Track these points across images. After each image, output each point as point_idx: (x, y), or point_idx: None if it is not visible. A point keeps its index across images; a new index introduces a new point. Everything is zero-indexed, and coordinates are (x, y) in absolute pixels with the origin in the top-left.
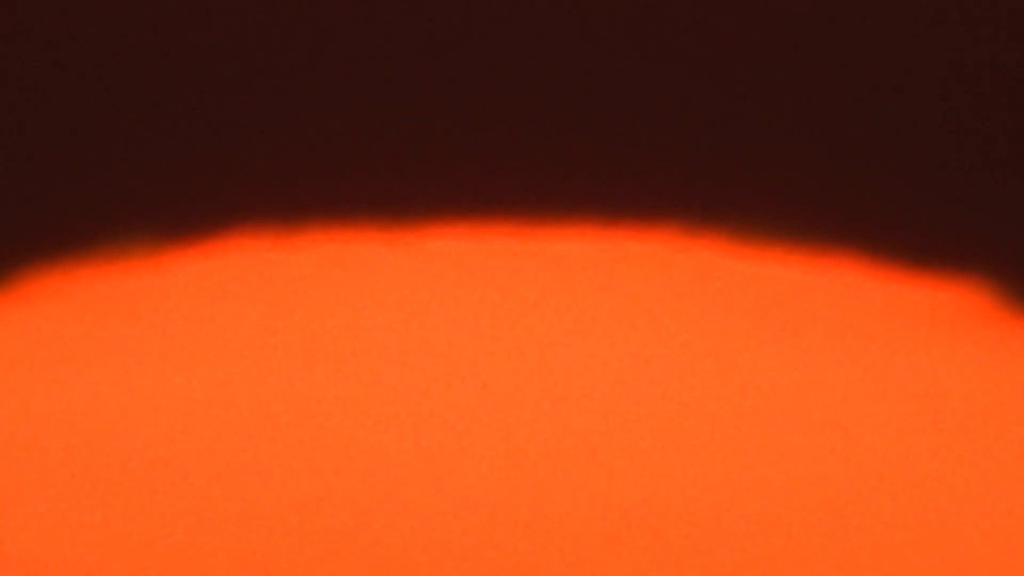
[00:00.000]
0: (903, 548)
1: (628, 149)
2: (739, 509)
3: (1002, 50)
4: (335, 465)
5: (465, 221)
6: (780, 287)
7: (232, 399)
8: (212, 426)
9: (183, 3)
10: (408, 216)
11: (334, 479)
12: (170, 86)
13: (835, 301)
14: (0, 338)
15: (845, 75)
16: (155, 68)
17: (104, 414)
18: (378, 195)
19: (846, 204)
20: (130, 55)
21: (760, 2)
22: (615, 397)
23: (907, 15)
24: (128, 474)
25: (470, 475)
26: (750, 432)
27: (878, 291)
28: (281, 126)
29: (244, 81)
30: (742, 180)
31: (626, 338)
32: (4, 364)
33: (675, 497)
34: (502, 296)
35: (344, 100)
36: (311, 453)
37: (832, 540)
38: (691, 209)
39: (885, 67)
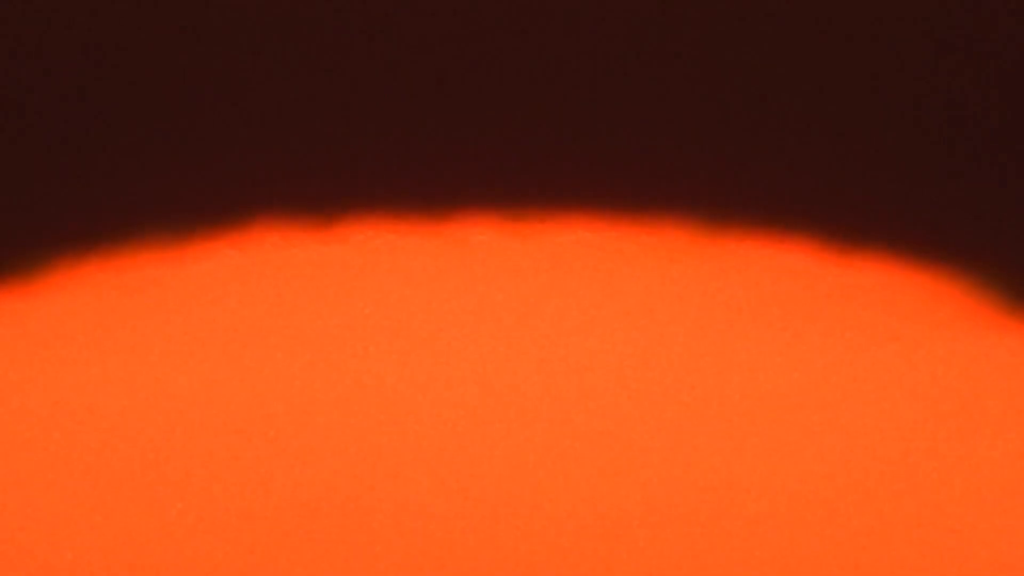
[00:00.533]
0: (885, 534)
1: (641, 145)
2: (732, 497)
3: (987, 52)
4: (348, 454)
5: (494, 213)
6: (764, 278)
7: (257, 388)
8: (237, 415)
9: None
10: (435, 208)
11: (350, 469)
12: (198, 78)
13: (819, 291)
14: (29, 327)
15: (834, 74)
16: (183, 60)
17: (129, 401)
18: (405, 188)
19: (831, 198)
20: (158, 47)
21: (767, 3)
22: (624, 384)
23: (892, 15)
24: (151, 459)
25: (480, 467)
26: (741, 423)
27: (860, 281)
28: (311, 119)
29: (273, 72)
30: (732, 175)
31: (629, 329)
32: (34, 352)
33: (673, 480)
34: (520, 287)
35: (373, 94)
36: (326, 442)
37: (818, 528)
38: (697, 205)
39: (871, 68)
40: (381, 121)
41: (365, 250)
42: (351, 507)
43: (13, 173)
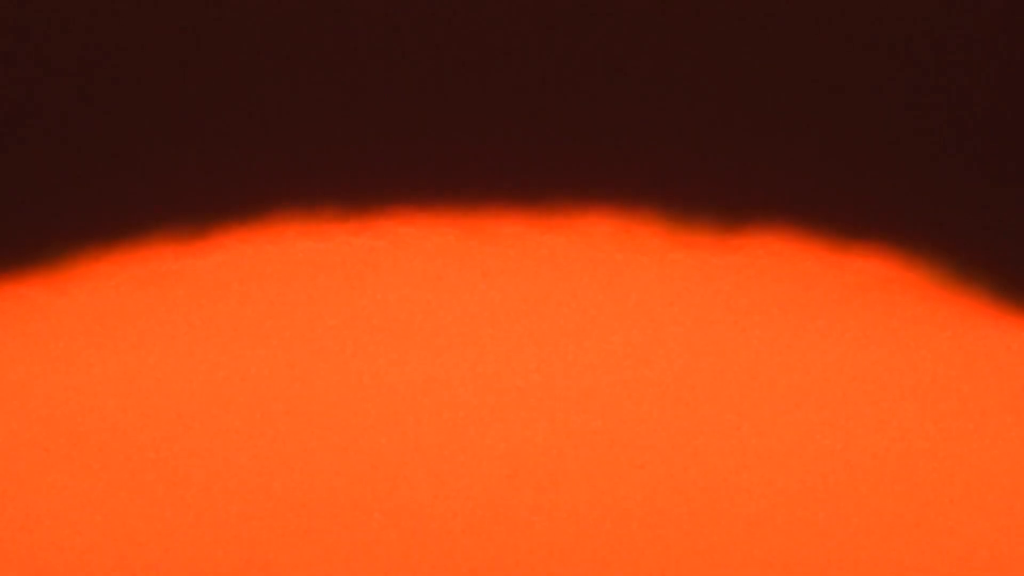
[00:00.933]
0: (885, 533)
1: (662, 141)
2: (732, 492)
3: (940, 30)
4: (366, 448)
5: (518, 206)
6: (730, 272)
7: (280, 380)
8: (260, 407)
9: None
10: (458, 201)
11: (371, 463)
12: (220, 72)
13: (820, 284)
14: (53, 318)
15: (807, 70)
16: (206, 54)
17: (151, 392)
18: (430, 181)
19: (784, 180)
20: (183, 40)
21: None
22: (638, 380)
23: (845, 9)
24: (171, 451)
25: (500, 462)
26: (754, 420)
27: (814, 266)
28: (334, 111)
29: (294, 64)
30: (751, 170)
31: (646, 325)
32: (57, 343)
33: (682, 475)
34: (543, 282)
35: (396, 86)
36: (347, 436)
37: (817, 524)
38: (714, 201)
39: (824, 49)
40: (404, 114)
41: (387, 243)
42: (376, 500)
43: (37, 165)
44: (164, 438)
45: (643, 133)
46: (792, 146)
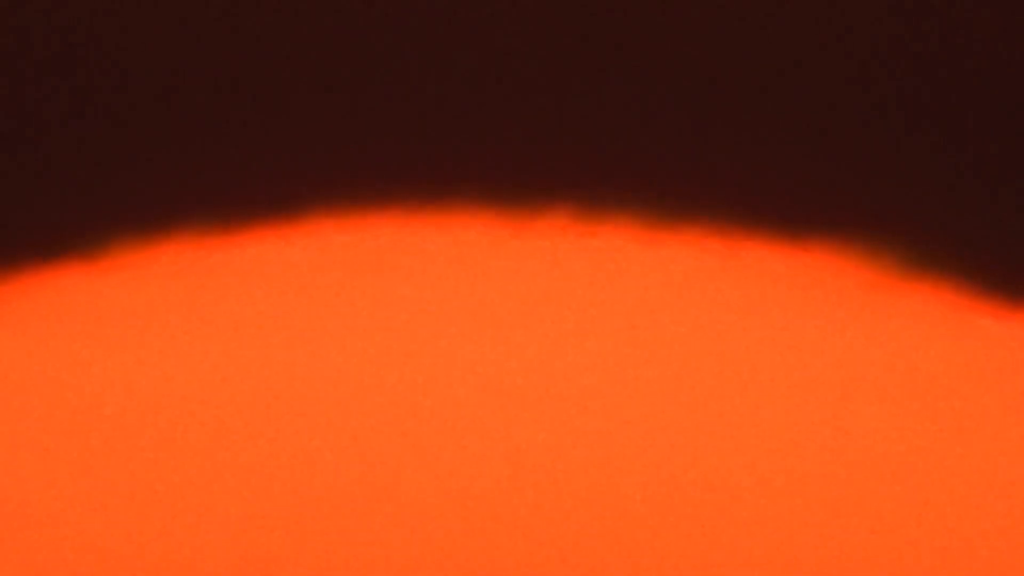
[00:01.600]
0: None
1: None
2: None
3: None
4: (375, 445)
5: (565, 209)
6: (725, 272)
7: (308, 376)
8: (289, 402)
9: None
10: (505, 198)
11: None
12: (262, 65)
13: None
14: (89, 306)
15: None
16: (249, 45)
17: (181, 383)
18: (469, 178)
19: (770, 182)
20: (220, 37)
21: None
22: (610, 382)
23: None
24: (201, 439)
25: (492, 466)
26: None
27: (763, 260)
28: (371, 109)
29: (338, 60)
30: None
31: (619, 332)
32: (88, 331)
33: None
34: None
35: (431, 86)
36: (379, 433)
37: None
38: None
39: (773, 39)
40: (437, 112)
41: (421, 240)
42: (413, 500)
43: (74, 154)
44: (193, 428)
45: (641, 135)
46: (778, 147)
